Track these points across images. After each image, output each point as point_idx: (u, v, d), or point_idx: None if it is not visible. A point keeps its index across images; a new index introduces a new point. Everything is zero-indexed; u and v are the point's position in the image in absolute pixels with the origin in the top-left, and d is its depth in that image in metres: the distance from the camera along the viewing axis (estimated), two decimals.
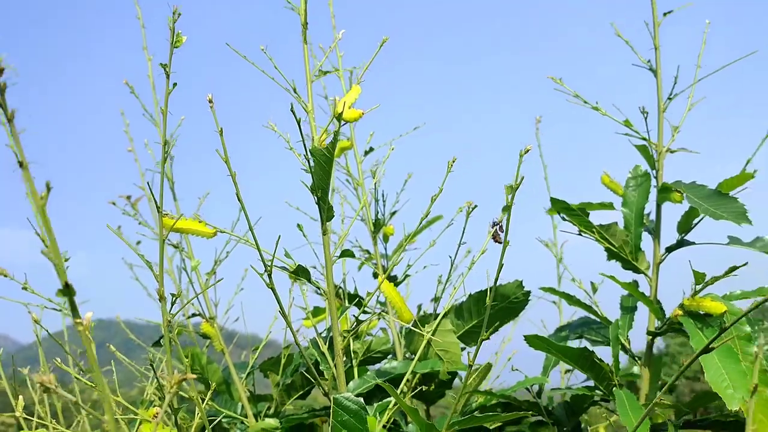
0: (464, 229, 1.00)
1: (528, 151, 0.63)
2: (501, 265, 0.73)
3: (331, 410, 0.79)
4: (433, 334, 0.98)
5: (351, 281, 1.31)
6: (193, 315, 1.20)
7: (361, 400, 0.78)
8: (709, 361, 0.90)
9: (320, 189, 0.86)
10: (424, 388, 1.05)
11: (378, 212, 1.34)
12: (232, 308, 1.29)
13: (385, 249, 1.47)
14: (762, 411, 0.90)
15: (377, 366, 1.13)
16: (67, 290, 0.39)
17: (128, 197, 1.27)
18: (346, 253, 0.95)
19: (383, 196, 1.42)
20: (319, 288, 0.94)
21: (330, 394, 0.86)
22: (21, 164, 0.39)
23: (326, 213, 0.88)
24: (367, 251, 1.46)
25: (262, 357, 1.27)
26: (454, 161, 0.89)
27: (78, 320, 0.42)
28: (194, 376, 0.45)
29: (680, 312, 0.99)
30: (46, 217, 0.40)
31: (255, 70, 0.91)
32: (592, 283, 1.22)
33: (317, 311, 1.27)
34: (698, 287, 0.96)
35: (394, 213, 1.49)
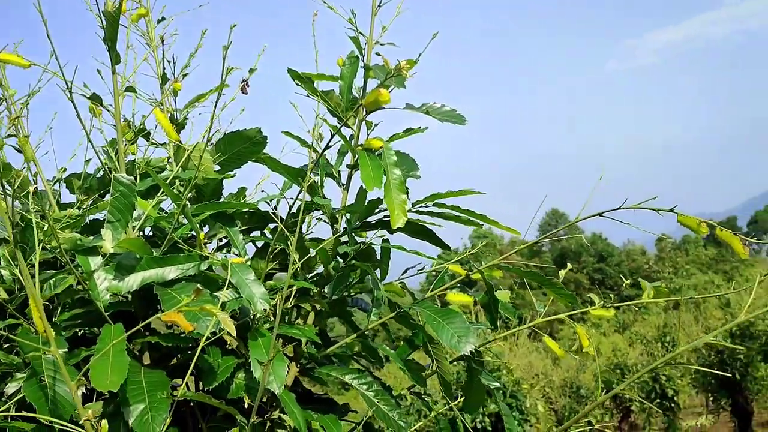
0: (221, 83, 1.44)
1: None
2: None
3: (111, 186, 1.22)
4: (191, 152, 1.43)
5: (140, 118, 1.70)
6: (9, 136, 1.55)
7: (132, 178, 1.22)
8: (365, 172, 1.44)
9: (110, 40, 1.25)
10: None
11: (165, 69, 1.73)
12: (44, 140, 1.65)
13: (175, 102, 1.88)
14: (399, 209, 1.48)
15: None
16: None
17: None
18: (129, 89, 1.36)
19: (173, 58, 1.82)
20: (110, 111, 1.34)
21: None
22: None
23: (114, 58, 1.27)
24: (160, 102, 1.86)
25: None
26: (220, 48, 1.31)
27: None
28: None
29: (360, 149, 1.52)
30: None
31: None
32: (320, 133, 1.73)
33: (113, 142, 1.66)
34: (369, 132, 1.50)
35: (186, 74, 1.89)
